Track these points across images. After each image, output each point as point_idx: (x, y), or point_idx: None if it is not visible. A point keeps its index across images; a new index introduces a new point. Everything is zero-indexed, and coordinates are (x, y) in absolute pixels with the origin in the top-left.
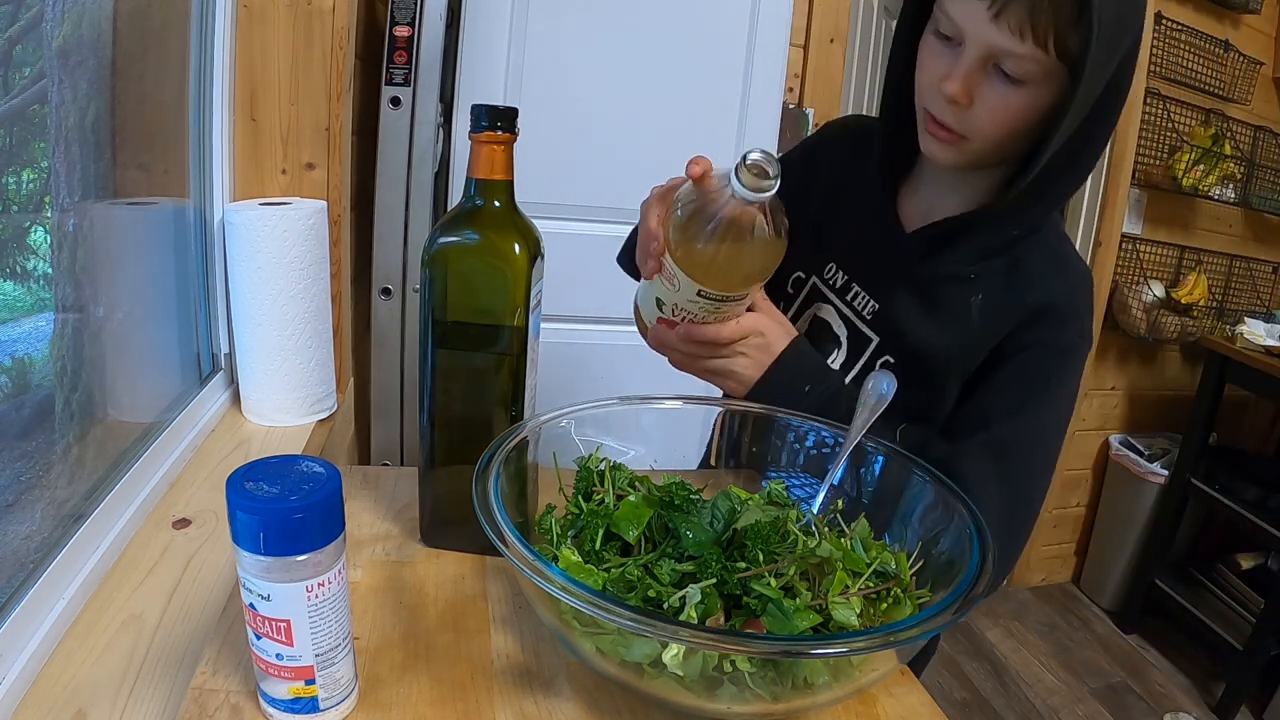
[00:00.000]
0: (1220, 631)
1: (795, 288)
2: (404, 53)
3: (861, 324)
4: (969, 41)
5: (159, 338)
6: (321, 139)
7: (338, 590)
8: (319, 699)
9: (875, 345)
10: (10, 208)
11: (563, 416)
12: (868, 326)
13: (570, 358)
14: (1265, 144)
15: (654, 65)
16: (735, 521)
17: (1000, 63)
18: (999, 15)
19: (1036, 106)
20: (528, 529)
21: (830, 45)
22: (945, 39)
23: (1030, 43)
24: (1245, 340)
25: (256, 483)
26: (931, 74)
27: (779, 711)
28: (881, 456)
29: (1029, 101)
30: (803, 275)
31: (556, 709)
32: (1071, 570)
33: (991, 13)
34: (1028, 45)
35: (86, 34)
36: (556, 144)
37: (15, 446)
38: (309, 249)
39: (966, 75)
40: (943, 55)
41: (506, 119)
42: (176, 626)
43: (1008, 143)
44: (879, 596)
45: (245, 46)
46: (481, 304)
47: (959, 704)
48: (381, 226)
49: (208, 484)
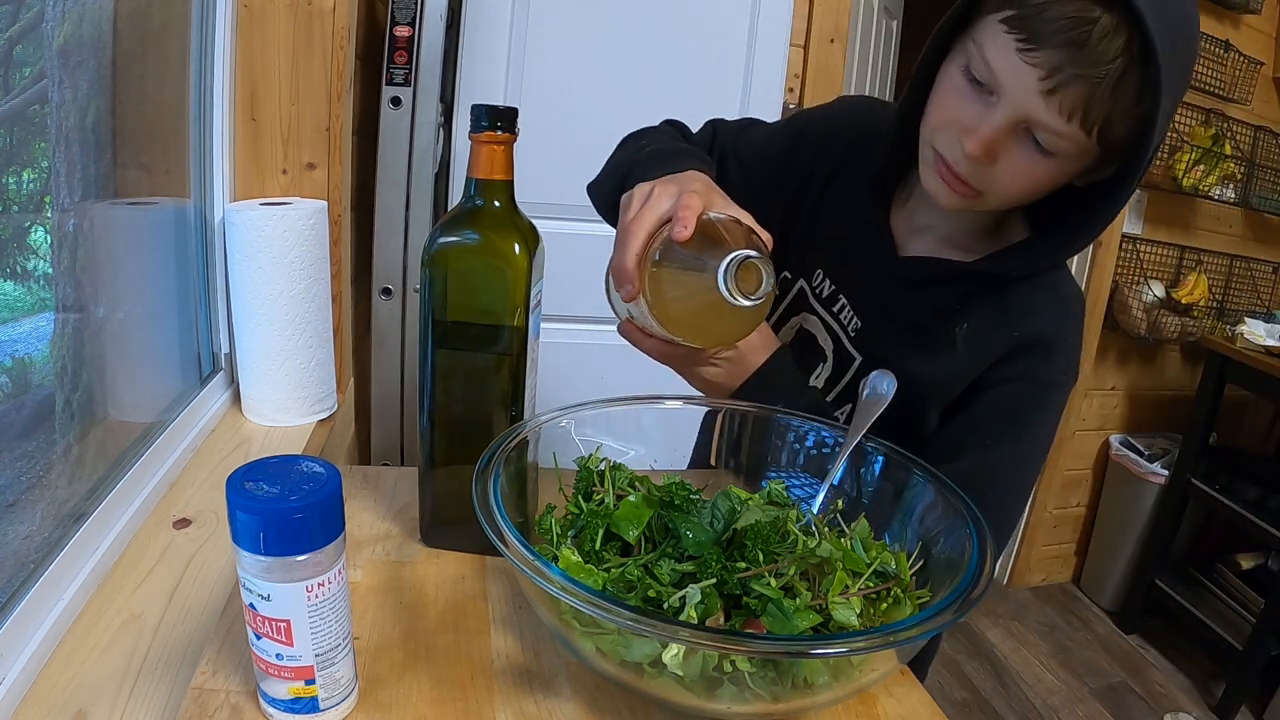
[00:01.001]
0: (1220, 631)
1: (781, 289)
2: (404, 53)
3: (846, 340)
4: (1005, 102)
5: (159, 337)
6: (322, 139)
7: (338, 590)
8: (319, 699)
9: (859, 364)
10: (10, 208)
11: (563, 416)
12: (851, 345)
13: (570, 358)
14: (1265, 144)
15: (654, 65)
16: (735, 521)
17: (1034, 131)
18: (1052, 92)
19: (1062, 175)
20: (528, 529)
21: (830, 45)
22: (975, 82)
23: (1076, 125)
24: (1245, 340)
25: (256, 483)
26: (952, 118)
27: (779, 711)
28: (881, 456)
29: (1055, 171)
30: (789, 276)
31: (556, 709)
32: (1071, 570)
33: (1045, 87)
34: (1073, 127)
35: (87, 34)
36: (556, 144)
37: (15, 446)
38: (309, 249)
39: (994, 138)
40: (969, 101)
41: (506, 119)
42: (176, 626)
43: (1024, 200)
44: (879, 596)
45: (245, 46)
46: (481, 304)
47: (959, 704)
48: (381, 226)
49: (208, 484)
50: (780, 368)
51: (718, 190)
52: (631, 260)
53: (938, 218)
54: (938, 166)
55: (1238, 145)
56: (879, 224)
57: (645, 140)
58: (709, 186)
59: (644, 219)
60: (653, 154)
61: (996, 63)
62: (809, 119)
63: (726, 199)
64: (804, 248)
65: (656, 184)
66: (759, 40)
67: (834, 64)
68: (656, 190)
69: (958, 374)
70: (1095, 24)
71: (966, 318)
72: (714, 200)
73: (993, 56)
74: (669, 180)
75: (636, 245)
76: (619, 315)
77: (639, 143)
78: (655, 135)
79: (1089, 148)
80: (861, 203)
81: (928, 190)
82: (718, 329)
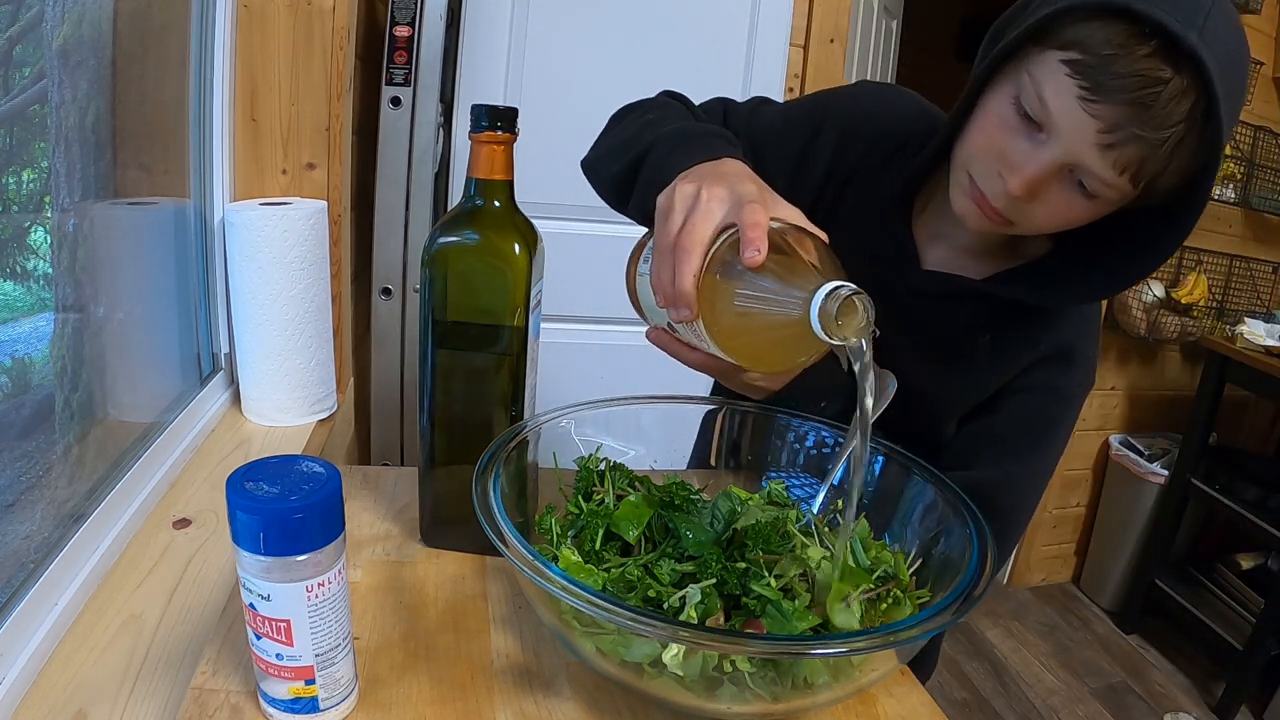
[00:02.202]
0: (1220, 631)
1: None
2: (404, 53)
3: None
4: (1057, 144)
5: (159, 338)
6: (321, 139)
7: (338, 590)
8: (319, 699)
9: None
10: (10, 208)
11: (563, 416)
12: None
13: (570, 358)
14: (1265, 144)
15: (654, 65)
16: (735, 522)
17: (1079, 174)
18: (1110, 147)
19: (1099, 214)
20: (528, 529)
21: (830, 45)
22: (1025, 116)
23: (1127, 179)
24: (1245, 340)
25: (256, 483)
26: (996, 151)
27: (779, 711)
28: (881, 456)
29: (1093, 211)
30: None
31: (556, 709)
32: (1071, 570)
33: (1103, 141)
34: (1123, 180)
35: (86, 34)
36: (556, 144)
37: (15, 446)
38: (309, 249)
39: (1040, 179)
40: (1015, 134)
41: (506, 119)
42: (176, 626)
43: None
44: (879, 597)
45: (245, 46)
46: (481, 304)
47: (959, 704)
48: (381, 226)
49: (208, 484)
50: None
51: (768, 188)
52: (690, 282)
53: (957, 227)
54: (972, 193)
55: (1238, 145)
56: (902, 234)
57: (652, 114)
58: (761, 186)
59: (699, 232)
60: (674, 136)
61: (1054, 104)
62: (830, 109)
63: (777, 198)
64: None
65: (703, 185)
66: (759, 40)
67: (834, 64)
68: (705, 194)
69: (981, 384)
70: (1165, 85)
71: (990, 329)
72: (772, 205)
73: (1050, 97)
74: (714, 177)
75: (695, 264)
76: (649, 321)
77: (645, 117)
78: (662, 110)
79: (1131, 194)
80: (883, 207)
81: (956, 211)
82: (788, 355)
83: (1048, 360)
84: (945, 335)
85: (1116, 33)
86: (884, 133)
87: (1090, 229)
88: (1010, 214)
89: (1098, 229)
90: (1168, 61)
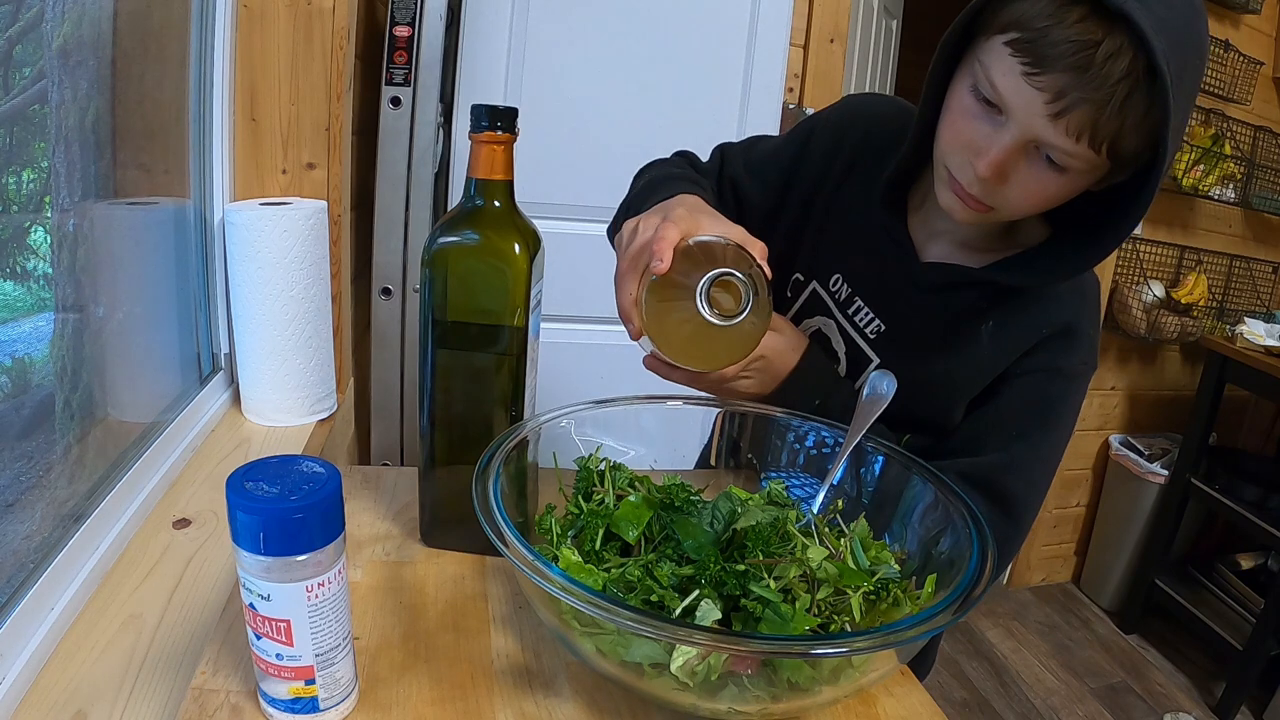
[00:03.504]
0: (1220, 631)
1: (794, 291)
2: (404, 53)
3: (864, 342)
4: (1014, 124)
5: (159, 338)
6: (321, 139)
7: (338, 590)
8: (319, 699)
9: (875, 366)
10: (10, 208)
11: (563, 416)
12: (870, 346)
13: (570, 358)
14: (1265, 144)
15: (654, 65)
16: (735, 522)
17: (1044, 149)
18: (1059, 115)
19: (1076, 187)
20: (528, 529)
21: (830, 45)
22: (985, 101)
23: (1085, 145)
24: (1245, 340)
25: (256, 483)
26: (962, 140)
27: (779, 711)
28: (881, 456)
29: (1068, 185)
30: (802, 278)
31: (556, 709)
32: (1071, 570)
33: (1051, 110)
34: (1081, 146)
35: (86, 34)
36: (556, 144)
37: (15, 446)
38: (309, 249)
39: (1004, 159)
40: (978, 121)
41: (506, 119)
42: (176, 626)
43: (1039, 211)
44: (879, 597)
45: (245, 46)
46: (481, 304)
47: (959, 704)
48: (381, 226)
49: (208, 484)
50: (813, 367)
51: (706, 210)
52: (626, 300)
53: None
54: (952, 185)
55: (1237, 145)
56: (897, 229)
57: (649, 174)
58: (694, 209)
59: (631, 257)
60: (645, 186)
61: (1003, 85)
62: (820, 119)
63: (716, 217)
64: (819, 250)
65: (641, 219)
66: (759, 40)
67: (834, 64)
68: (641, 225)
69: (985, 369)
70: (1098, 47)
71: (992, 315)
72: (700, 222)
73: (999, 79)
74: (653, 212)
75: (630, 285)
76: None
77: (644, 178)
78: (660, 166)
79: (1100, 163)
80: (878, 206)
81: (942, 205)
82: (720, 350)
83: (1049, 342)
84: (948, 324)
85: (1047, 5)
86: (870, 133)
87: (1080, 214)
88: (987, 199)
89: (1088, 213)
90: (1099, 24)
